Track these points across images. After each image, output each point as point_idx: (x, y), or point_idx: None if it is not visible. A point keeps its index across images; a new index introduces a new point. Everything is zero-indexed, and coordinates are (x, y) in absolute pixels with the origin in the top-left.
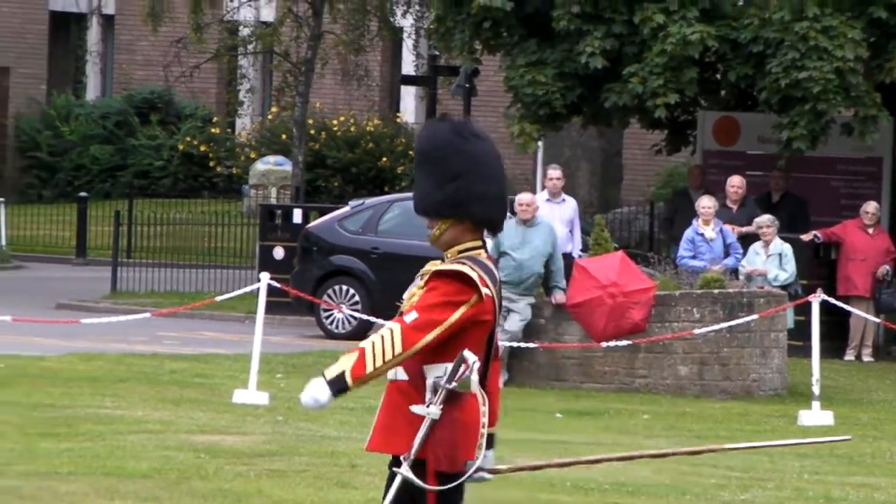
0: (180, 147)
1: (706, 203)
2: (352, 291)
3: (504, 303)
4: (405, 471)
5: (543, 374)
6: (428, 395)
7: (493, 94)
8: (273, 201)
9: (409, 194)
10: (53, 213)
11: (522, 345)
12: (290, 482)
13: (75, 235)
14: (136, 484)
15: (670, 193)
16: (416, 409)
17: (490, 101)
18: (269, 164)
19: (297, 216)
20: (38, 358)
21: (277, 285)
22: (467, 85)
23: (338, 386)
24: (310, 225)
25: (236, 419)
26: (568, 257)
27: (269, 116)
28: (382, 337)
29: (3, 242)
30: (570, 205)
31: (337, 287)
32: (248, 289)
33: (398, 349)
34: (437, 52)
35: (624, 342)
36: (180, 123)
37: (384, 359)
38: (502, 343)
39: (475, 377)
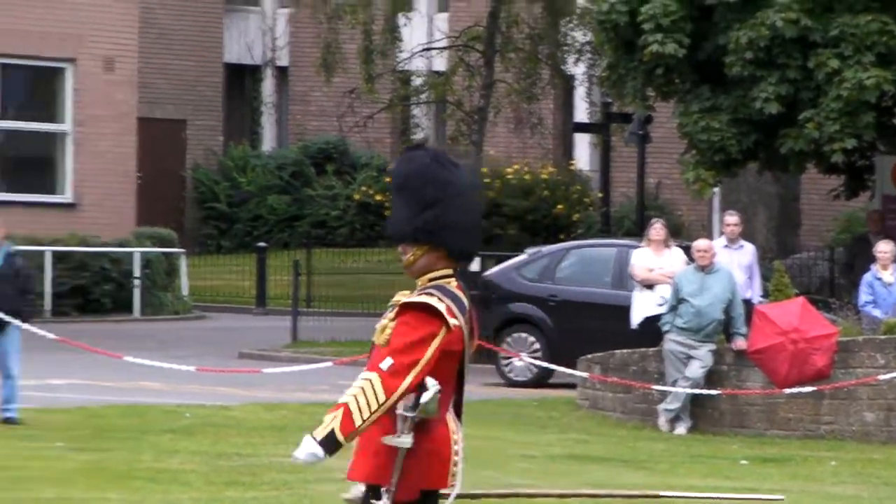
0: (356, 196)
1: (884, 248)
2: (531, 339)
3: (684, 349)
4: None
5: (727, 421)
6: (399, 425)
7: (668, 141)
8: None
9: (588, 242)
10: (233, 263)
11: (705, 392)
12: None
13: (255, 285)
14: None
15: (849, 238)
16: (388, 440)
17: (664, 148)
18: None
19: (475, 264)
20: (223, 407)
21: None
22: (641, 132)
23: (329, 445)
24: (487, 273)
25: None
26: (748, 303)
27: None
28: (363, 389)
29: (185, 293)
30: (748, 250)
31: (516, 334)
32: None
33: (381, 398)
34: (609, 100)
35: (808, 388)
36: (356, 173)
37: (370, 410)
38: (685, 390)
39: (434, 403)
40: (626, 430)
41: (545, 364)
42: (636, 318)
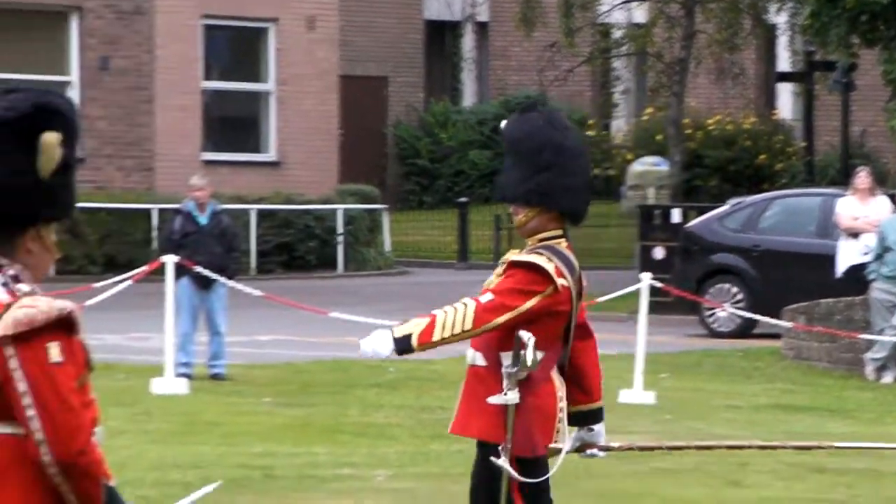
0: None
1: None
2: (734, 289)
3: (890, 297)
4: (503, 462)
5: None
6: (504, 382)
7: (873, 88)
8: (651, 202)
9: (791, 191)
10: (435, 218)
11: None
12: (682, 481)
13: (457, 240)
14: None
15: None
16: (494, 399)
17: (869, 95)
18: (646, 165)
19: (676, 216)
20: (426, 361)
21: (658, 285)
22: (844, 80)
23: (402, 345)
24: (689, 224)
25: (623, 419)
26: None
27: (645, 117)
28: (455, 309)
29: (388, 249)
30: None
31: (718, 285)
32: (628, 289)
33: (468, 325)
34: (812, 48)
35: None
36: None
37: (452, 331)
38: (892, 338)
39: (535, 357)
40: (832, 379)
41: (748, 314)
42: (841, 267)
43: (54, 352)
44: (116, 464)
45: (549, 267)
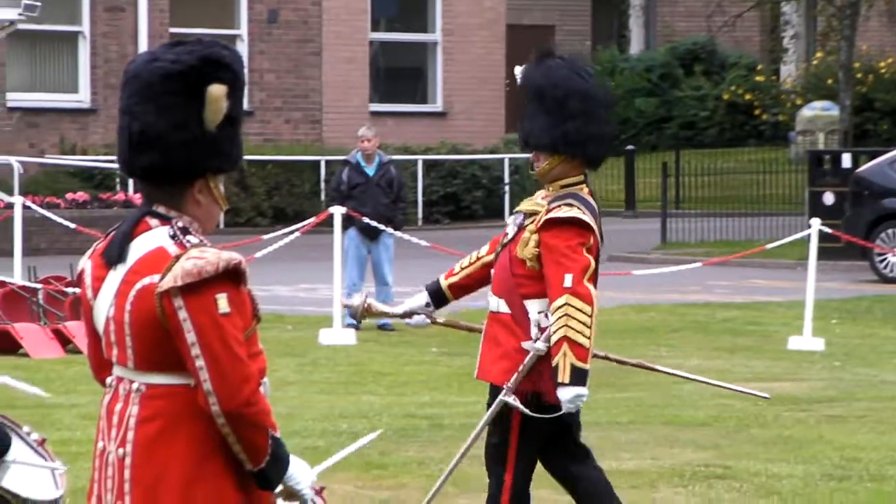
0: (725, 97)
1: None
2: None
3: None
4: (507, 398)
5: None
6: (534, 331)
7: None
8: (820, 147)
9: None
10: (602, 166)
11: None
12: (851, 427)
13: (623, 188)
14: (695, 432)
15: None
16: (527, 345)
17: None
18: (816, 110)
19: (847, 161)
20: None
21: (828, 231)
22: None
23: (582, 379)
24: (860, 169)
25: (792, 366)
26: None
27: (814, 62)
28: (567, 314)
29: None
30: None
31: (890, 230)
32: (798, 235)
33: (587, 309)
34: None
35: None
36: (724, 73)
37: (588, 325)
38: None
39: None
40: None
41: None
42: None
43: (222, 303)
44: (284, 414)
45: (590, 220)
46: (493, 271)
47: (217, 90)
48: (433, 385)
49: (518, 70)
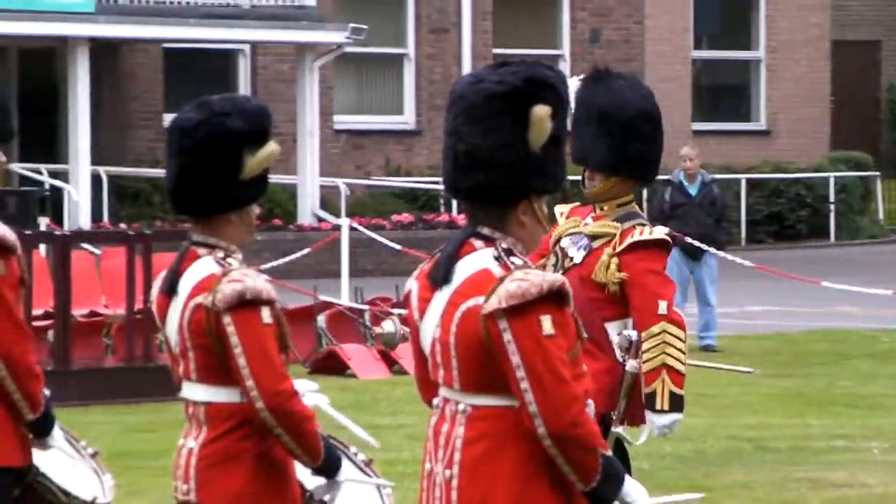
0: None
1: None
2: None
3: None
4: (622, 430)
5: None
6: (619, 353)
7: None
8: None
9: None
10: None
11: None
12: None
13: None
14: None
15: None
16: (631, 365)
17: None
18: None
19: None
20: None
21: None
22: None
23: (680, 405)
24: None
25: None
26: None
27: None
28: (665, 342)
29: (881, 217)
30: None
31: None
32: None
33: (681, 335)
34: None
35: None
36: None
37: (681, 352)
38: None
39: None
40: None
41: None
42: None
43: (546, 324)
44: None
45: (666, 237)
46: None
47: (541, 111)
48: (757, 407)
49: (572, 85)
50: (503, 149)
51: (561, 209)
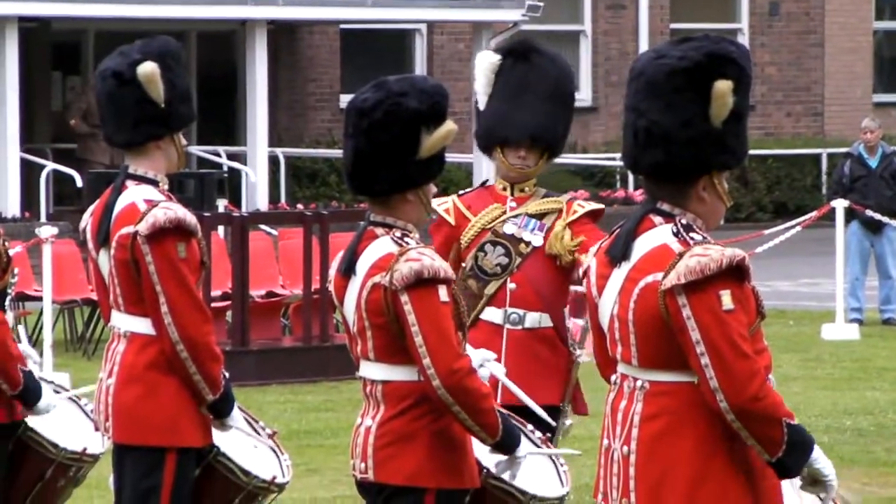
0: None
1: None
2: None
3: None
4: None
5: None
6: (573, 341)
7: None
8: None
9: None
10: None
11: None
12: None
13: None
14: None
15: None
16: (583, 357)
17: None
18: None
19: None
20: None
21: None
22: None
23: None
24: None
25: None
26: None
27: None
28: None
29: None
30: None
31: None
32: None
33: None
34: None
35: None
36: None
37: None
38: None
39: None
40: None
41: None
42: None
43: (726, 299)
44: None
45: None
46: (511, 288)
47: (723, 86)
48: None
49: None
50: (684, 125)
51: (443, 204)
